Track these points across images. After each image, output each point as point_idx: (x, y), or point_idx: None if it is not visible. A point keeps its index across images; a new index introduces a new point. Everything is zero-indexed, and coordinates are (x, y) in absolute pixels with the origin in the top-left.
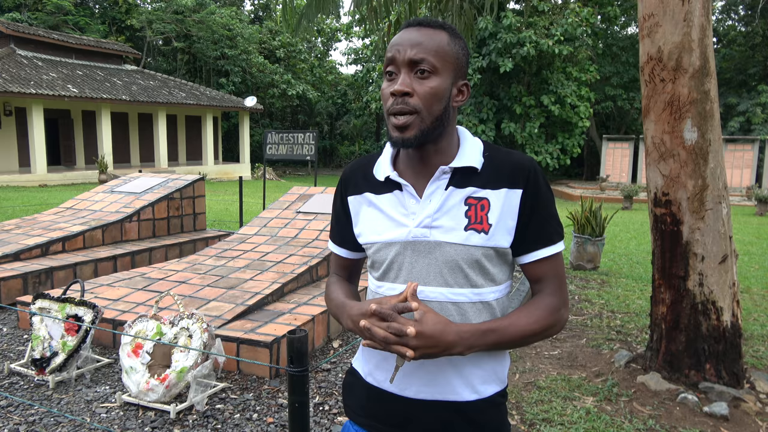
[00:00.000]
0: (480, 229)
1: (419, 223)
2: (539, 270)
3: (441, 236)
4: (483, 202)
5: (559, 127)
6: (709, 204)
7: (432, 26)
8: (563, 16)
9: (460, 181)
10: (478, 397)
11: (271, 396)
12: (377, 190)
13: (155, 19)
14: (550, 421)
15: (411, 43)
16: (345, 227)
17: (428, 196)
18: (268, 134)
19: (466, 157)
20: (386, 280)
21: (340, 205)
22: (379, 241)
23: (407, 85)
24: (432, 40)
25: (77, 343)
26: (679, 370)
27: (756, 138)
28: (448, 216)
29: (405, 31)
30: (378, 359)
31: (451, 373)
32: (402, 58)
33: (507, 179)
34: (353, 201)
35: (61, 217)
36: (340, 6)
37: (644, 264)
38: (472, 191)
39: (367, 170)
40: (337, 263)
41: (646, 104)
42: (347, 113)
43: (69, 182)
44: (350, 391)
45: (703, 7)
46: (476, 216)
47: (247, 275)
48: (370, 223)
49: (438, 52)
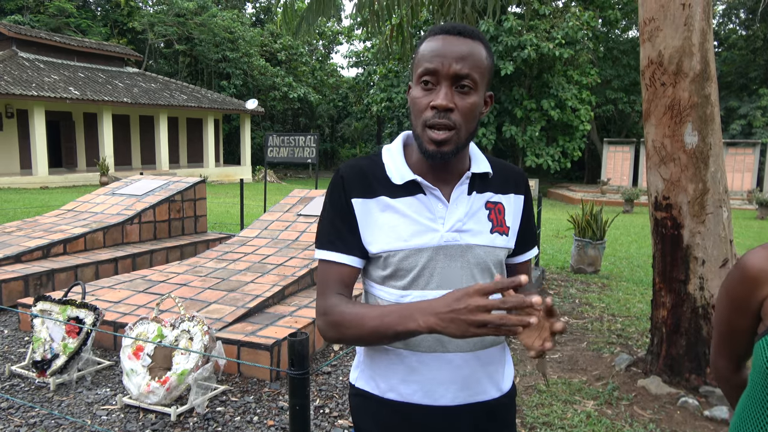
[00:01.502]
0: (502, 232)
1: (451, 227)
2: (523, 268)
3: (471, 239)
4: (499, 206)
5: (560, 130)
6: (710, 208)
7: (472, 36)
8: (564, 20)
9: (479, 186)
10: (500, 393)
11: (271, 399)
12: (393, 193)
13: (157, 21)
14: (550, 424)
15: (456, 56)
16: (352, 230)
17: (455, 200)
18: (269, 137)
19: (480, 163)
20: (415, 288)
21: (345, 207)
22: (406, 247)
23: (450, 100)
24: (475, 54)
25: (78, 345)
26: (680, 373)
27: (757, 141)
28: (474, 220)
29: (446, 39)
30: (404, 372)
31: (481, 373)
32: (446, 71)
33: (512, 185)
34: (360, 204)
35: (63, 219)
36: (341, 9)
37: (645, 267)
38: (489, 196)
39: (377, 172)
40: (339, 280)
41: (646, 108)
42: (348, 116)
43: (70, 184)
44: (364, 415)
45: (704, 12)
46: (497, 219)
47: (248, 278)
48: (392, 229)
49: (480, 68)
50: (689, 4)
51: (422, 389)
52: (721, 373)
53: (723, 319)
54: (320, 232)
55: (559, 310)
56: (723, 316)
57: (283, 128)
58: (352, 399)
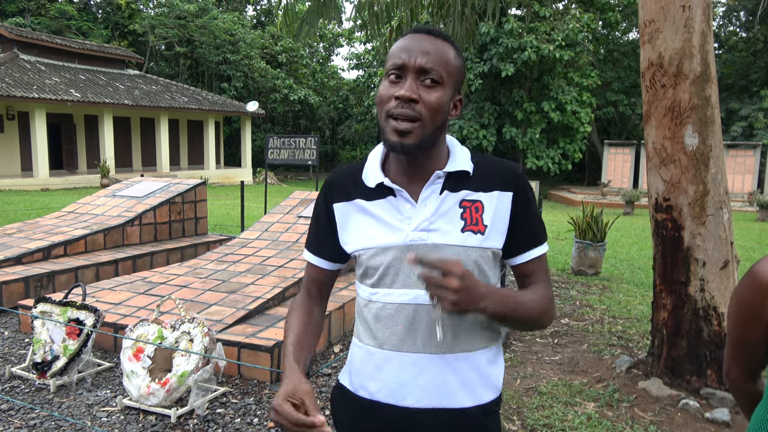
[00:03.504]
0: (476, 231)
1: (416, 226)
2: (530, 267)
3: (439, 239)
4: (477, 204)
5: (561, 132)
6: (711, 209)
7: (440, 37)
8: (564, 22)
9: (454, 185)
10: (476, 403)
11: (271, 400)
12: (368, 196)
13: (158, 24)
14: (551, 426)
15: (422, 50)
16: (327, 235)
17: (424, 200)
18: (270, 139)
19: (458, 162)
20: (382, 287)
21: (324, 212)
22: (373, 246)
23: (414, 92)
24: (441, 51)
25: (78, 346)
26: (681, 375)
27: (758, 143)
28: (444, 219)
29: (414, 36)
30: (371, 369)
31: (452, 378)
32: (412, 63)
33: (498, 182)
34: (340, 208)
35: (63, 221)
36: (341, 11)
37: (645, 269)
38: (465, 194)
39: (356, 177)
40: (310, 277)
41: (647, 110)
42: (349, 118)
43: (71, 186)
44: (339, 405)
45: (704, 14)
46: (471, 218)
47: (249, 279)
48: (363, 229)
49: (446, 64)
50: (689, 6)
51: (387, 388)
52: (736, 382)
53: (735, 329)
54: (307, 234)
55: (560, 312)
56: (735, 326)
57: (284, 130)
58: (333, 391)
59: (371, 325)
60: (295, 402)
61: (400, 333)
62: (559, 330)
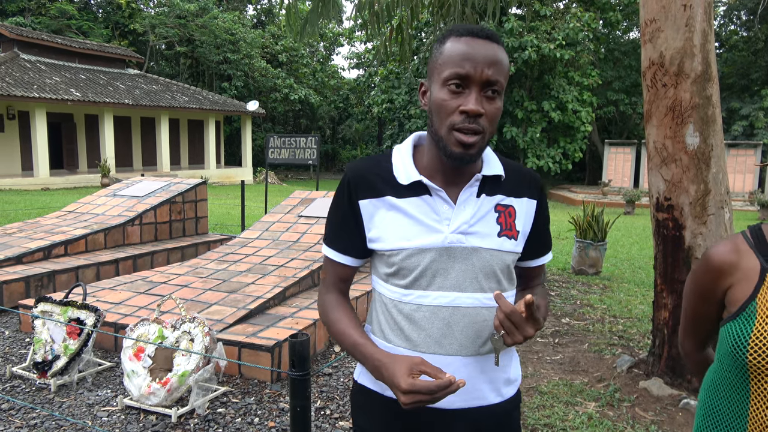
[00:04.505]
0: (511, 236)
1: (455, 228)
2: (537, 271)
3: (477, 242)
4: (510, 209)
5: (561, 131)
6: (712, 209)
7: (497, 42)
8: (565, 21)
9: (490, 189)
10: (501, 399)
11: (272, 400)
12: (400, 193)
13: (158, 23)
14: (551, 426)
15: (488, 62)
16: (352, 232)
17: (462, 202)
18: (270, 138)
19: (492, 166)
20: (416, 288)
21: (349, 209)
22: (410, 247)
23: (482, 106)
24: (502, 60)
25: (79, 346)
26: (682, 375)
27: (759, 142)
28: (482, 222)
29: (475, 42)
30: None
31: (481, 378)
32: (479, 76)
33: (526, 188)
34: (367, 205)
35: (64, 220)
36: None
37: (646, 269)
38: (500, 198)
39: (383, 172)
40: (335, 274)
41: (648, 109)
42: (349, 117)
43: (71, 186)
44: (365, 412)
45: (705, 13)
46: (506, 223)
47: (249, 279)
48: (395, 228)
49: (506, 73)
50: (690, 5)
51: None
52: (689, 353)
53: (690, 306)
54: (325, 229)
55: (561, 312)
56: (690, 304)
57: (284, 130)
58: (353, 396)
59: (403, 326)
60: (416, 373)
61: (435, 336)
62: (560, 329)
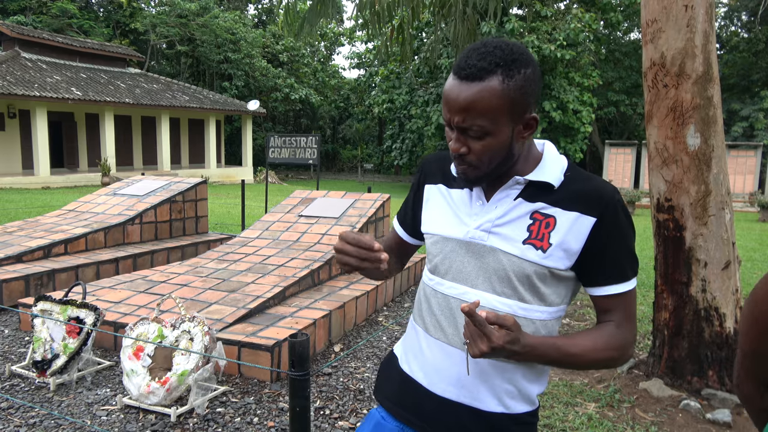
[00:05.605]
0: (539, 246)
1: (479, 225)
2: (608, 304)
3: (498, 243)
4: (549, 220)
5: (562, 132)
6: (712, 210)
7: (481, 77)
8: (566, 22)
9: (532, 195)
10: (505, 411)
11: (271, 400)
12: (450, 183)
13: (159, 22)
14: (552, 426)
15: (458, 108)
16: (412, 210)
17: (495, 202)
18: (271, 138)
19: (545, 172)
20: (436, 274)
21: (416, 189)
22: (437, 233)
23: (462, 144)
24: (481, 100)
25: (78, 345)
26: (682, 376)
27: (759, 144)
28: (510, 226)
29: (454, 83)
30: (416, 349)
31: (478, 380)
32: (453, 122)
33: (582, 204)
34: (430, 189)
35: (64, 219)
36: (342, 11)
37: (647, 270)
38: (540, 206)
39: (446, 163)
40: (391, 238)
41: (649, 110)
42: (350, 117)
43: (72, 185)
44: (386, 375)
45: (706, 13)
46: (538, 232)
47: (249, 278)
48: (436, 213)
49: (487, 113)
50: (692, 6)
51: (423, 370)
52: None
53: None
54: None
55: None
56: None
57: (285, 129)
58: (385, 356)
59: (423, 306)
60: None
61: (442, 324)
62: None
